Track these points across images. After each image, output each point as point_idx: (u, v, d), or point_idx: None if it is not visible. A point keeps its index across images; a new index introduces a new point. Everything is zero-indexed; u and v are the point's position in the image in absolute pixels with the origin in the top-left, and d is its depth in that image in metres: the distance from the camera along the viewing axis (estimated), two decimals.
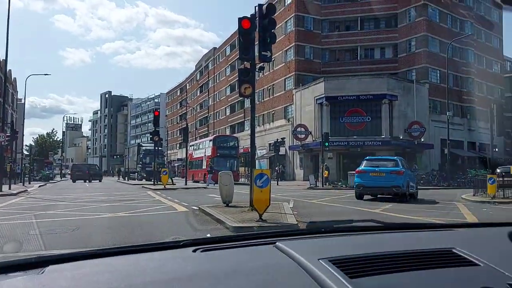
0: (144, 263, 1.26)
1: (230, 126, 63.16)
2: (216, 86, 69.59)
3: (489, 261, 1.26)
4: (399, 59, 45.00)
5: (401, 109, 39.14)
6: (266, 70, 48.01)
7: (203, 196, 18.19)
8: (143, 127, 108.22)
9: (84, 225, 9.19)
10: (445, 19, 45.35)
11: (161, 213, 11.97)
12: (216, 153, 38.30)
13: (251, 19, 11.19)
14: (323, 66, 46.61)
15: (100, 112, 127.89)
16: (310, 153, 41.11)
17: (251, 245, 1.50)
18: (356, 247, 1.40)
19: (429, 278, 1.15)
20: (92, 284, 1.12)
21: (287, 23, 47.29)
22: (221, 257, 1.33)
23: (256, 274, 1.16)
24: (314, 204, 15.48)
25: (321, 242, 1.52)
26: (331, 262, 1.18)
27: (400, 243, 1.50)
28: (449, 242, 1.45)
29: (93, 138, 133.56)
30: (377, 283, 1.09)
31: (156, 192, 21.75)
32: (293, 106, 45.23)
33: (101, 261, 1.32)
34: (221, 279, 1.12)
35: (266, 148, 48.87)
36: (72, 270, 1.23)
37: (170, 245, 1.50)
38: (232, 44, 60.84)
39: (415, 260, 1.25)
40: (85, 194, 21.28)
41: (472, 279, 1.14)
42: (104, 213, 11.69)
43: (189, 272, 1.18)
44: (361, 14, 45.88)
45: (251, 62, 11.51)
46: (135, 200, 16.70)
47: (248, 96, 11.71)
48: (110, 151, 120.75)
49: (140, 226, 9.17)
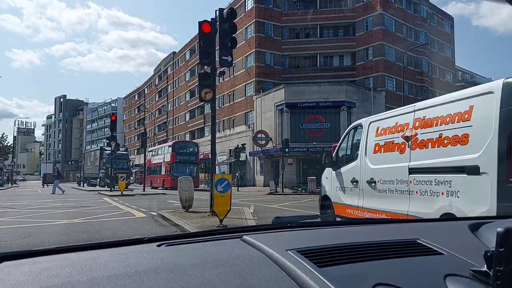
0: (107, 258, 1.20)
1: (190, 131, 62.64)
2: (176, 91, 68.90)
3: (452, 250, 1.28)
4: (357, 67, 46.17)
5: (359, 116, 39.95)
6: (227, 75, 48.04)
7: (162, 202, 17.90)
8: (100, 132, 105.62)
9: (37, 232, 8.81)
10: (401, 29, 46.96)
11: (119, 219, 11.66)
12: (175, 159, 37.89)
13: (211, 23, 11.17)
14: (284, 73, 47.13)
15: (54, 116, 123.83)
16: (271, 159, 41.36)
17: (217, 239, 1.47)
18: (323, 239, 1.40)
19: (395, 266, 1.16)
20: (52, 278, 1.05)
21: (248, 29, 47.55)
22: (187, 250, 1.29)
23: (224, 265, 1.13)
24: (274, 209, 15.54)
25: (288, 235, 1.51)
26: (299, 253, 1.17)
27: (366, 235, 1.51)
28: (413, 233, 1.47)
29: (46, 143, 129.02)
30: (345, 271, 1.09)
31: (113, 198, 21.21)
32: (254, 112, 45.43)
33: (60, 257, 1.25)
34: (188, 271, 1.09)
35: (227, 154, 48.78)
36: (29, 265, 1.16)
37: (133, 241, 1.45)
38: (192, 49, 60.51)
39: (381, 250, 1.26)
40: (37, 200, 20.47)
41: (437, 266, 1.16)
42: (58, 220, 11.27)
43: (154, 265, 1.13)
44: (321, 22, 46.80)
45: (212, 66, 11.48)
46: (91, 206, 16.22)
47: (208, 101, 11.65)
48: (65, 156, 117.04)
49: (97, 233, 8.89)
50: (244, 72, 47.95)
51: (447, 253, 1.27)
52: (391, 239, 1.39)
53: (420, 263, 1.20)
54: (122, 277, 1.05)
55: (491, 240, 1.22)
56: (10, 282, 1.04)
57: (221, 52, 11.25)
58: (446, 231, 1.62)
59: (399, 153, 6.36)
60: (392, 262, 1.19)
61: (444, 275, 1.09)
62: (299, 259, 1.13)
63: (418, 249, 1.31)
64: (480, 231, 1.50)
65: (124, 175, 28.57)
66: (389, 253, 1.24)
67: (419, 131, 5.97)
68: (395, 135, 6.55)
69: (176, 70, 69.46)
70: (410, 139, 6.12)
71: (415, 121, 6.09)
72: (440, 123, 5.56)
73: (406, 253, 1.26)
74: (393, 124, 6.68)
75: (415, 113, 6.17)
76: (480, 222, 1.60)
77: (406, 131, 6.26)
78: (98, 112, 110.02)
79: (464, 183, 5.08)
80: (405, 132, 6.27)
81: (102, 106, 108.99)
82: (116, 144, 30.50)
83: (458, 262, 1.20)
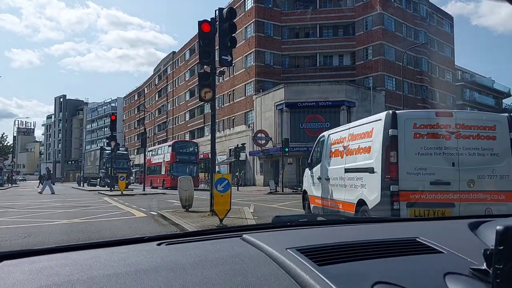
0: (107, 257, 1.21)
1: (190, 131, 62.62)
2: (175, 91, 68.88)
3: (451, 249, 1.29)
4: (357, 66, 46.16)
5: (359, 116, 39.97)
6: (226, 75, 48.04)
7: (162, 202, 17.90)
8: (99, 132, 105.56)
9: (37, 232, 8.82)
10: (401, 28, 46.94)
11: (119, 219, 11.67)
12: (175, 158, 37.87)
13: (211, 22, 11.16)
14: (283, 72, 47.12)
15: (54, 116, 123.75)
16: (271, 158, 41.36)
17: (217, 238, 1.47)
18: (322, 238, 1.40)
19: (395, 265, 1.16)
20: (52, 276, 1.05)
21: (247, 29, 47.53)
22: (187, 249, 1.30)
23: (224, 264, 1.13)
24: (274, 208, 15.55)
25: (288, 234, 1.51)
26: (299, 251, 1.17)
27: (366, 234, 1.51)
28: (412, 232, 1.47)
29: (46, 143, 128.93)
30: (345, 270, 1.09)
31: (113, 198, 21.21)
32: (254, 112, 45.42)
33: (60, 256, 1.26)
34: (188, 270, 1.09)
35: (226, 154, 48.77)
36: (28, 264, 1.16)
37: (133, 240, 1.45)
38: (192, 49, 60.47)
39: (381, 248, 1.26)
40: (37, 200, 20.46)
41: (437, 264, 1.16)
42: (58, 220, 11.27)
43: (154, 264, 1.14)
44: (320, 21, 46.78)
45: (212, 66, 11.48)
46: (91, 206, 16.21)
47: (208, 101, 11.65)
48: (65, 156, 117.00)
49: (97, 232, 8.89)
50: (243, 72, 47.94)
51: (446, 252, 1.28)
52: (391, 238, 1.40)
53: (420, 261, 1.20)
54: (122, 276, 1.05)
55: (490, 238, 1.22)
56: (10, 281, 1.04)
57: (220, 51, 11.25)
58: (445, 230, 1.62)
59: (340, 158, 8.74)
60: (392, 260, 1.19)
61: (444, 273, 1.09)
62: (299, 257, 1.13)
63: (418, 248, 1.31)
64: (479, 230, 1.50)
65: (124, 174, 28.53)
66: (389, 252, 1.24)
67: (350, 143, 8.27)
68: (339, 145, 8.94)
69: (175, 70, 69.42)
70: (345, 148, 8.48)
71: (349, 136, 8.42)
72: (359, 138, 7.84)
73: (406, 251, 1.26)
74: (339, 137, 9.06)
75: (349, 130, 8.57)
76: (480, 220, 1.60)
77: (344, 142, 8.65)
78: (98, 112, 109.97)
79: (368, 179, 7.26)
80: (343, 143, 8.66)
81: (102, 106, 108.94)
82: (116, 144, 30.47)
83: (457, 261, 1.21)
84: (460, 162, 6.64)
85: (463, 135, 6.73)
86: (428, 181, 6.58)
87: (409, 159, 6.63)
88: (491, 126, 6.86)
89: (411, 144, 6.66)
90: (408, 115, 7.06)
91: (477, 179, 6.66)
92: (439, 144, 6.70)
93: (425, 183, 6.59)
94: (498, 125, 6.88)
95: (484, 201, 6.61)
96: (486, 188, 6.69)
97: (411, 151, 6.66)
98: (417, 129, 6.71)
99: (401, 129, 6.66)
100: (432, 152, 6.68)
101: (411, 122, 6.76)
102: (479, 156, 6.73)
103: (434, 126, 6.81)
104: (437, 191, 6.56)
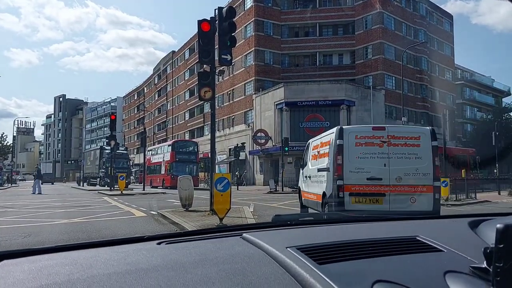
0: (107, 256, 1.21)
1: (189, 131, 62.61)
2: (175, 90, 68.85)
3: (451, 247, 1.29)
4: (357, 65, 46.15)
5: (359, 115, 40.10)
6: (226, 74, 48.03)
7: (162, 201, 17.89)
8: (99, 132, 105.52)
9: (37, 232, 8.81)
10: (400, 27, 46.93)
11: (119, 218, 11.66)
12: (175, 158, 37.84)
13: (211, 21, 11.15)
14: (283, 72, 47.10)
15: (53, 116, 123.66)
16: (270, 157, 41.36)
17: (217, 237, 1.47)
18: (322, 237, 1.40)
19: (395, 263, 1.16)
20: (52, 276, 1.05)
21: (247, 28, 47.51)
22: (187, 248, 1.30)
23: (224, 263, 1.13)
24: (274, 207, 15.55)
25: (288, 233, 1.51)
26: (299, 250, 1.17)
27: (366, 233, 1.51)
28: (412, 231, 1.47)
29: (46, 143, 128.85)
30: (346, 268, 1.09)
31: (113, 197, 21.20)
32: (253, 111, 45.41)
33: (60, 255, 1.25)
34: (188, 269, 1.09)
35: (226, 153, 48.77)
36: (28, 263, 1.16)
37: (133, 239, 1.45)
38: (191, 48, 60.45)
39: (381, 247, 1.26)
40: (37, 200, 20.46)
41: (437, 263, 1.16)
42: (58, 219, 11.27)
43: (155, 263, 1.13)
44: (320, 20, 46.76)
45: (211, 65, 11.48)
46: (91, 206, 16.21)
47: (208, 100, 11.65)
48: (65, 156, 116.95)
49: (97, 232, 8.89)
50: (243, 71, 47.92)
51: (446, 250, 1.28)
52: (391, 236, 1.40)
53: (420, 260, 1.20)
54: (122, 274, 1.05)
55: (490, 237, 1.22)
56: (11, 280, 1.04)
57: (220, 51, 11.25)
58: (445, 228, 1.62)
59: (315, 161, 10.83)
60: (392, 259, 1.19)
61: (444, 271, 1.09)
62: (299, 256, 1.13)
63: (418, 246, 1.31)
64: (479, 228, 1.50)
65: (124, 174, 28.51)
66: (389, 250, 1.24)
67: (320, 149, 10.44)
68: (315, 150, 11.03)
69: (175, 69, 69.39)
70: (318, 153, 10.58)
71: (320, 144, 10.56)
72: (324, 145, 10.04)
73: (406, 250, 1.27)
74: (316, 144, 11.15)
75: (321, 139, 10.67)
76: (479, 219, 1.60)
77: (318, 148, 10.75)
78: (98, 112, 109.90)
79: (327, 176, 9.40)
80: (317, 149, 10.74)
81: (102, 106, 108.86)
82: (116, 144, 30.42)
83: (457, 259, 1.21)
84: (390, 163, 8.73)
85: (393, 143, 8.84)
86: (365, 177, 8.73)
87: (351, 161, 8.77)
88: (417, 136, 9.00)
89: (353, 150, 8.82)
90: (351, 129, 9.41)
91: (403, 176, 8.67)
92: (374, 150, 8.84)
93: (363, 179, 8.72)
94: (422, 136, 8.98)
95: (409, 192, 8.66)
96: (410, 183, 8.68)
97: (353, 156, 8.81)
98: (358, 139, 8.89)
99: (346, 139, 8.86)
100: (368, 156, 8.81)
101: (353, 134, 8.99)
102: (405, 159, 8.77)
103: (370, 137, 8.92)
104: (372, 184, 8.72)
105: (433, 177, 8.75)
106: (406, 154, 8.80)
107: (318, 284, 0.99)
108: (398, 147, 8.82)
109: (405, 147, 8.84)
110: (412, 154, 8.80)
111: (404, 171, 8.67)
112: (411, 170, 8.70)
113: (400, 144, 8.84)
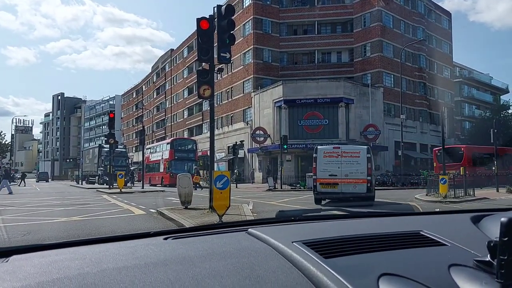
0: (115, 251, 1.22)
1: (188, 129, 62.57)
2: (174, 88, 68.77)
3: (455, 242, 1.30)
4: (355, 63, 46.13)
5: (357, 112, 40.11)
6: (225, 72, 47.97)
7: (161, 199, 17.91)
8: (98, 130, 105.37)
9: (36, 230, 8.82)
10: (399, 25, 46.91)
11: (118, 216, 11.67)
12: (174, 156, 37.83)
13: (209, 20, 11.15)
14: (281, 69, 47.07)
15: (52, 114, 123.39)
16: (269, 155, 41.35)
17: (223, 232, 1.48)
18: (327, 232, 1.41)
19: (400, 257, 1.18)
20: (62, 270, 1.06)
21: (245, 26, 47.44)
22: (194, 243, 1.31)
23: (231, 257, 1.14)
24: (273, 205, 15.57)
25: (292, 228, 1.52)
26: (305, 244, 1.18)
27: (370, 227, 1.52)
28: (416, 226, 1.49)
29: (44, 141, 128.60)
30: (351, 262, 1.10)
31: (112, 196, 21.21)
32: (252, 109, 45.39)
33: (69, 250, 1.27)
34: (196, 263, 1.10)
35: (225, 151, 48.74)
36: (38, 258, 1.17)
37: (139, 235, 1.46)
38: (190, 46, 60.36)
39: (385, 241, 1.28)
40: (36, 198, 20.46)
41: (441, 257, 1.18)
42: (58, 218, 11.27)
43: (162, 257, 1.15)
44: (319, 18, 46.71)
45: (210, 63, 11.48)
46: (90, 204, 16.22)
47: (207, 98, 11.66)
48: (63, 154, 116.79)
49: (96, 230, 8.90)
50: (242, 69, 47.87)
51: (450, 244, 1.29)
52: (395, 231, 1.41)
53: (424, 254, 1.22)
54: (131, 268, 1.06)
55: (493, 231, 1.23)
56: (22, 274, 1.05)
57: (219, 49, 11.25)
58: (448, 223, 1.64)
59: None
60: (397, 253, 1.21)
61: (448, 265, 1.10)
62: (305, 250, 1.14)
63: (422, 241, 1.32)
64: (482, 223, 1.52)
65: (123, 172, 28.52)
66: (394, 245, 1.26)
67: None
68: None
69: (174, 67, 69.28)
70: None
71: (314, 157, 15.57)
72: None
73: (410, 244, 1.28)
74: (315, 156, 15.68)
75: None
76: (482, 214, 1.62)
77: None
78: (96, 110, 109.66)
79: None
80: None
81: (100, 104, 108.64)
82: (115, 142, 30.42)
83: (461, 253, 1.22)
84: (342, 166, 14.58)
85: (344, 156, 14.70)
86: (328, 174, 14.61)
87: (321, 166, 14.78)
88: (358, 151, 14.97)
89: (322, 160, 14.82)
90: (322, 148, 15.35)
91: (349, 173, 14.51)
92: (333, 160, 14.72)
93: (327, 175, 14.61)
94: (362, 151, 14.90)
95: (352, 182, 14.44)
96: (353, 177, 14.48)
97: (322, 162, 14.79)
98: (325, 153, 14.96)
99: (319, 154, 14.97)
100: (330, 163, 14.70)
101: (322, 150, 15.10)
102: (351, 164, 14.57)
103: (331, 152, 14.93)
104: (331, 178, 14.57)
105: (366, 174, 14.45)
106: (351, 162, 14.61)
107: (325, 277, 1.00)
108: (347, 157, 14.69)
109: (350, 158, 14.70)
110: (354, 162, 14.60)
111: (350, 171, 14.52)
112: (354, 170, 14.51)
113: (348, 156, 14.73)
